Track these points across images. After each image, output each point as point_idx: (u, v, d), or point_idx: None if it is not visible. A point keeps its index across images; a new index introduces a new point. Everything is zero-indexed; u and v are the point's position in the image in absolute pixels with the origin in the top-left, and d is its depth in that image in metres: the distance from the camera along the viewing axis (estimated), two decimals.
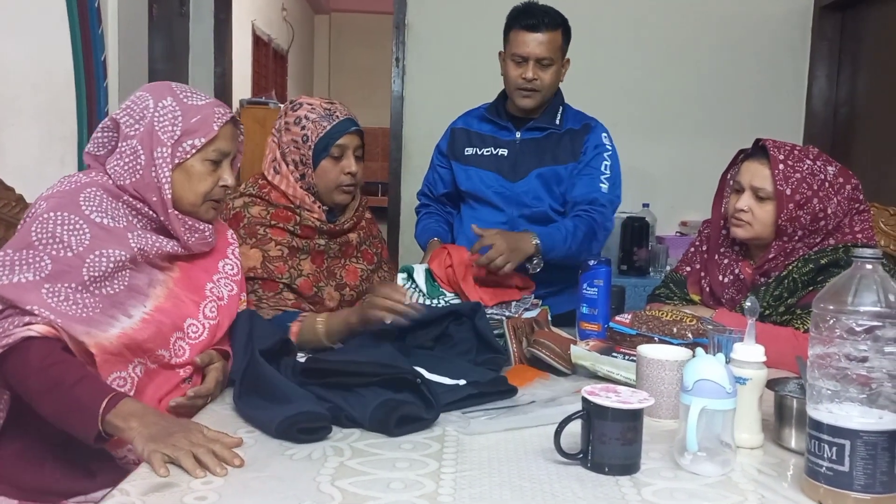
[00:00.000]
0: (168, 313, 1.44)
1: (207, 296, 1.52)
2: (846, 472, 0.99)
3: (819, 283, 1.71)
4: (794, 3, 3.98)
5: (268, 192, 1.80)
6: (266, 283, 1.72)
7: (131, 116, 1.45)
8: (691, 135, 4.01)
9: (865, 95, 3.76)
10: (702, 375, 1.11)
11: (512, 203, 2.23)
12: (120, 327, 1.36)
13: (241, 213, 1.77)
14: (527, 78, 2.15)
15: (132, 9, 3.21)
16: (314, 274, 1.78)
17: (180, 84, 1.52)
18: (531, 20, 2.14)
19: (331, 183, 1.79)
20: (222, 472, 1.07)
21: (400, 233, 4.19)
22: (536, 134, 2.24)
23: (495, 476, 1.09)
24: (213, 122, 1.46)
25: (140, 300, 1.41)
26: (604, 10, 3.88)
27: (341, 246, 1.86)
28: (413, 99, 4.08)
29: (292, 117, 1.79)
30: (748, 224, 1.78)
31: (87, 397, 1.21)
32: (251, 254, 1.72)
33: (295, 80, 7.58)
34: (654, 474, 1.11)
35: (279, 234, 1.76)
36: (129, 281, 1.40)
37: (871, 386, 0.99)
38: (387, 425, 1.23)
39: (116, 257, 1.37)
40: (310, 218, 1.79)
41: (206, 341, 1.50)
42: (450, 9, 4.01)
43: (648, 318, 1.63)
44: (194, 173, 1.46)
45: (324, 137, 1.76)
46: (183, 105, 1.45)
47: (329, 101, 1.82)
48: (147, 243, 1.42)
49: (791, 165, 1.72)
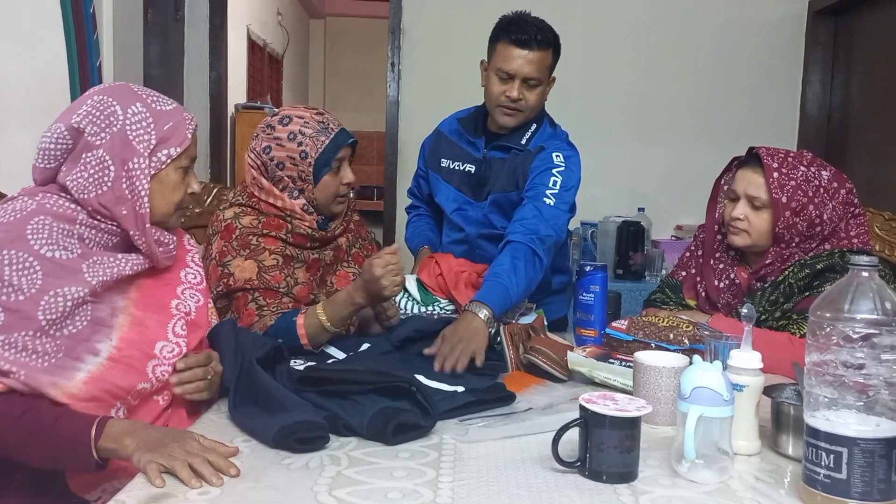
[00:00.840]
0: (135, 344, 1.33)
1: (174, 313, 1.41)
2: (844, 479, 0.99)
3: (815, 287, 1.71)
4: (788, 8, 3.99)
5: (257, 202, 1.76)
6: (266, 293, 1.68)
7: (95, 124, 1.32)
8: (686, 139, 4.02)
9: (859, 100, 3.77)
10: (699, 383, 1.11)
11: (472, 223, 2.15)
12: (86, 370, 1.26)
13: (233, 224, 1.72)
14: (511, 97, 2.01)
15: (127, 14, 3.21)
16: (308, 283, 1.76)
17: (139, 85, 1.43)
18: (522, 35, 1.98)
19: (331, 196, 1.77)
20: (218, 483, 1.07)
21: (396, 237, 4.19)
22: (501, 154, 2.11)
23: (493, 485, 1.08)
24: (186, 130, 1.39)
25: (105, 333, 1.30)
26: (599, 18, 3.88)
27: (333, 251, 1.84)
28: (408, 103, 4.08)
29: (283, 132, 1.72)
30: (745, 232, 1.79)
31: (73, 433, 1.18)
32: (246, 265, 1.68)
33: (290, 85, 7.58)
34: (651, 482, 1.11)
35: (272, 243, 1.72)
36: (92, 314, 1.29)
37: (868, 393, 0.99)
38: (384, 433, 1.22)
39: (74, 295, 1.26)
40: (301, 226, 1.75)
41: None
42: (445, 13, 4.02)
43: (645, 323, 1.63)
44: (168, 183, 1.38)
45: (324, 153, 1.73)
46: (153, 111, 1.36)
47: (318, 113, 1.78)
48: (104, 271, 1.30)
49: (785, 173, 1.73)
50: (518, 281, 1.82)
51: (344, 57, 8.24)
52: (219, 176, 4.34)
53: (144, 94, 1.38)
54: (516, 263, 1.84)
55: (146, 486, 1.05)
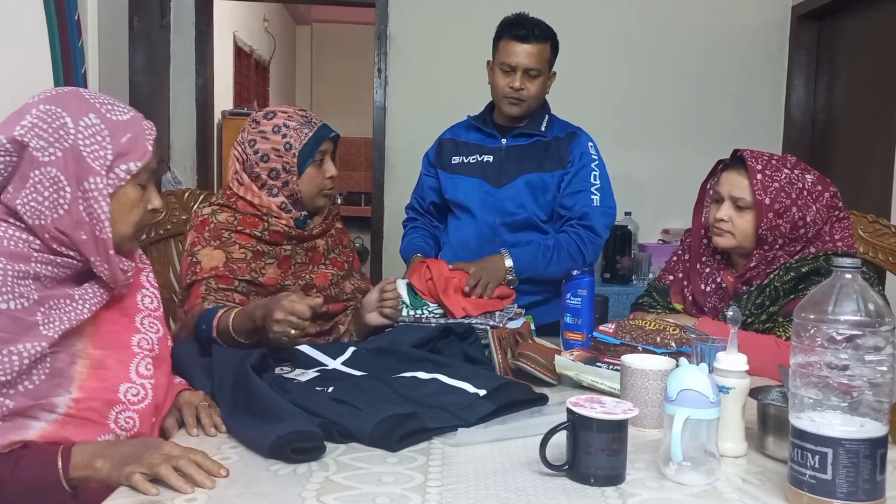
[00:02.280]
0: (96, 393, 1.22)
1: (136, 352, 1.29)
2: (829, 480, 1.00)
3: (800, 290, 1.72)
4: (772, 13, 4.03)
5: (235, 202, 1.81)
6: (220, 278, 1.71)
7: (42, 137, 1.17)
8: (673, 143, 4.04)
9: (842, 103, 3.81)
10: (685, 385, 1.12)
11: (494, 210, 2.24)
12: (40, 428, 1.16)
13: (209, 219, 1.78)
14: (514, 87, 2.18)
15: (112, 21, 3.20)
16: (278, 277, 1.80)
17: (90, 91, 1.28)
18: (521, 31, 2.17)
19: (315, 188, 1.81)
20: (211, 485, 1.06)
21: (383, 242, 4.19)
22: (522, 141, 2.26)
23: (481, 489, 1.08)
24: (146, 141, 1.24)
25: (65, 386, 1.19)
26: (584, 23, 3.91)
27: (307, 251, 1.87)
28: (395, 109, 4.09)
29: (268, 126, 1.78)
30: (728, 233, 1.80)
31: (37, 475, 1.11)
32: (214, 254, 1.72)
33: (277, 91, 7.57)
34: (639, 484, 1.11)
35: (244, 239, 1.77)
36: (51, 365, 1.18)
37: (853, 394, 1.00)
38: (389, 441, 1.22)
39: (31, 352, 1.14)
40: (277, 224, 1.80)
41: (152, 404, 1.29)
42: (431, 19, 4.03)
43: (632, 327, 1.64)
44: (127, 202, 1.24)
45: (308, 144, 1.78)
46: (108, 121, 1.21)
47: (301, 109, 1.85)
48: (62, 317, 1.18)
49: (769, 175, 1.74)
50: (550, 263, 2.11)
51: (330, 63, 8.23)
52: (206, 182, 4.32)
53: (98, 103, 1.23)
54: (559, 251, 2.13)
55: (132, 494, 1.04)
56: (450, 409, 1.34)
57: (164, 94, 4.14)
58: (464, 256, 2.21)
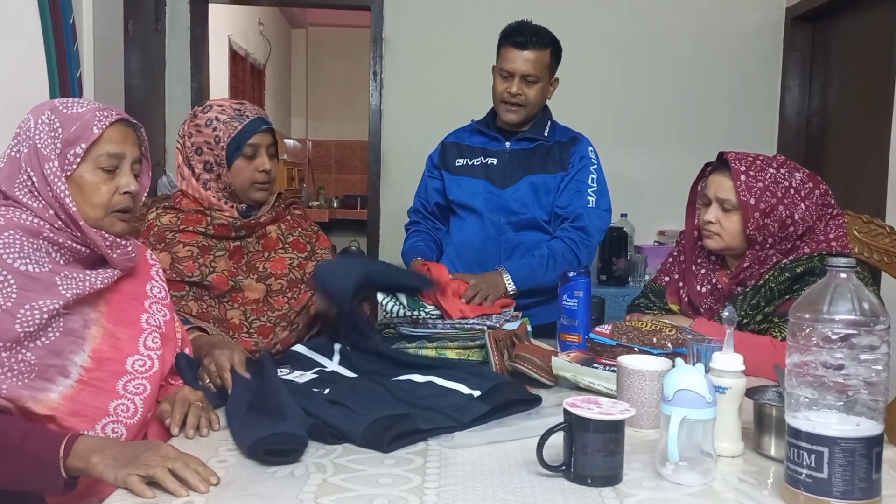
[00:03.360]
0: (105, 362, 1.34)
1: (144, 328, 1.42)
2: (825, 479, 1.00)
3: (795, 291, 1.73)
4: (766, 15, 4.04)
5: (178, 201, 1.85)
6: (172, 284, 1.70)
7: (19, 142, 1.36)
8: (668, 145, 4.05)
9: (836, 104, 3.82)
10: (681, 385, 1.12)
11: (499, 210, 2.28)
12: (58, 391, 1.28)
13: (154, 222, 1.82)
14: (511, 92, 2.23)
15: (107, 25, 3.19)
16: (230, 269, 1.80)
17: (69, 98, 1.42)
18: (520, 38, 2.21)
19: (245, 182, 1.83)
20: (205, 489, 1.06)
21: (380, 245, 4.19)
22: (525, 144, 2.31)
23: (479, 490, 1.09)
24: (93, 126, 1.34)
25: (79, 345, 1.31)
26: (578, 27, 3.91)
27: (259, 239, 1.87)
28: (391, 112, 4.09)
29: (203, 119, 1.81)
30: (717, 235, 1.81)
31: (41, 451, 1.15)
32: (160, 257, 1.72)
33: (272, 94, 7.56)
34: (636, 485, 1.12)
35: (189, 237, 1.80)
36: (64, 325, 1.30)
37: (848, 393, 1.00)
38: (380, 442, 1.22)
39: (49, 308, 1.26)
40: (221, 217, 1.82)
41: (158, 373, 1.41)
42: (426, 23, 4.03)
43: (628, 328, 1.64)
44: (85, 184, 1.35)
45: (235, 137, 1.80)
46: (62, 115, 1.35)
47: (239, 102, 1.86)
48: (76, 284, 1.32)
49: (753, 175, 1.75)
50: (548, 272, 2.14)
51: (326, 66, 8.23)
52: None
53: (60, 103, 1.37)
54: (555, 259, 2.17)
55: (129, 497, 1.04)
56: (444, 411, 1.34)
57: (159, 97, 4.14)
58: (467, 256, 2.26)
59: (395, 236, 4.07)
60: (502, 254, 2.28)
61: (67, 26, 2.79)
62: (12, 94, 2.77)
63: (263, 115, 1.85)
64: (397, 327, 1.83)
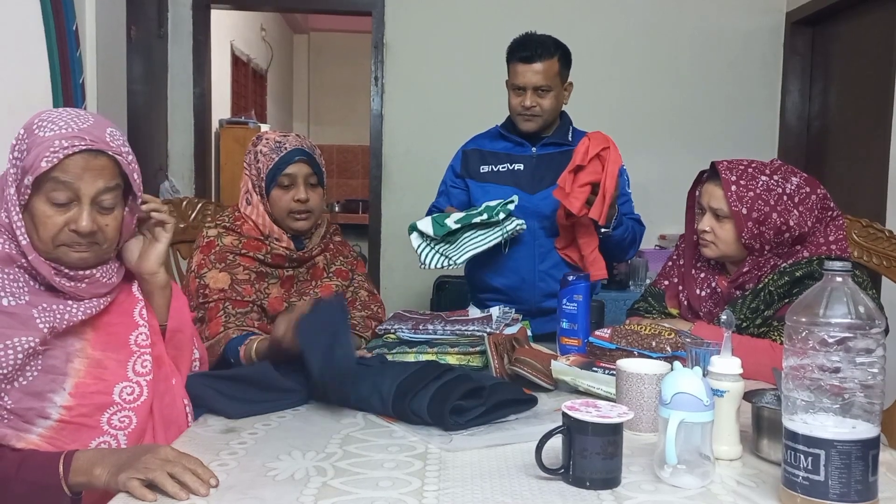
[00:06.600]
0: (89, 396, 1.28)
1: (133, 350, 1.35)
2: (822, 481, 1.01)
3: (794, 294, 1.73)
4: (767, 19, 4.05)
5: (240, 225, 1.89)
6: (236, 302, 1.78)
7: (8, 153, 1.30)
8: (669, 149, 4.06)
9: (837, 108, 3.83)
10: (680, 389, 1.13)
11: (531, 215, 2.28)
12: (37, 433, 1.23)
13: (214, 241, 1.86)
14: (525, 105, 2.28)
15: (110, 31, 3.21)
16: (283, 296, 1.87)
17: (58, 111, 1.31)
18: (525, 52, 2.26)
19: (282, 211, 1.87)
20: (205, 492, 1.06)
21: (381, 249, 4.20)
22: (552, 149, 2.35)
23: (478, 493, 1.09)
24: (43, 159, 1.23)
25: (59, 383, 1.25)
26: (581, 28, 3.92)
27: (308, 269, 1.95)
28: (392, 117, 4.10)
29: (253, 153, 1.89)
30: (712, 244, 1.82)
31: (40, 476, 1.14)
32: (220, 277, 1.80)
33: (274, 100, 7.58)
34: (634, 488, 1.12)
35: (248, 262, 1.85)
36: (44, 362, 1.24)
37: (845, 396, 1.01)
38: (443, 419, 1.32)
39: (25, 346, 1.20)
40: (279, 247, 1.88)
41: (147, 402, 1.34)
42: (427, 28, 4.05)
43: (628, 332, 1.65)
44: (36, 215, 1.26)
45: (272, 169, 1.85)
46: (32, 137, 1.26)
47: (283, 134, 1.91)
48: (56, 317, 1.25)
49: (744, 185, 1.76)
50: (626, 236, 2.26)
51: (327, 71, 8.25)
52: (203, 191, 4.33)
53: (40, 120, 1.28)
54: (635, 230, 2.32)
55: (130, 501, 1.05)
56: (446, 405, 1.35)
57: (161, 103, 4.16)
58: (500, 262, 2.27)
59: (396, 240, 4.09)
60: (536, 259, 2.30)
61: (70, 32, 2.81)
62: (15, 101, 2.79)
63: (304, 147, 1.89)
64: (398, 332, 1.84)
